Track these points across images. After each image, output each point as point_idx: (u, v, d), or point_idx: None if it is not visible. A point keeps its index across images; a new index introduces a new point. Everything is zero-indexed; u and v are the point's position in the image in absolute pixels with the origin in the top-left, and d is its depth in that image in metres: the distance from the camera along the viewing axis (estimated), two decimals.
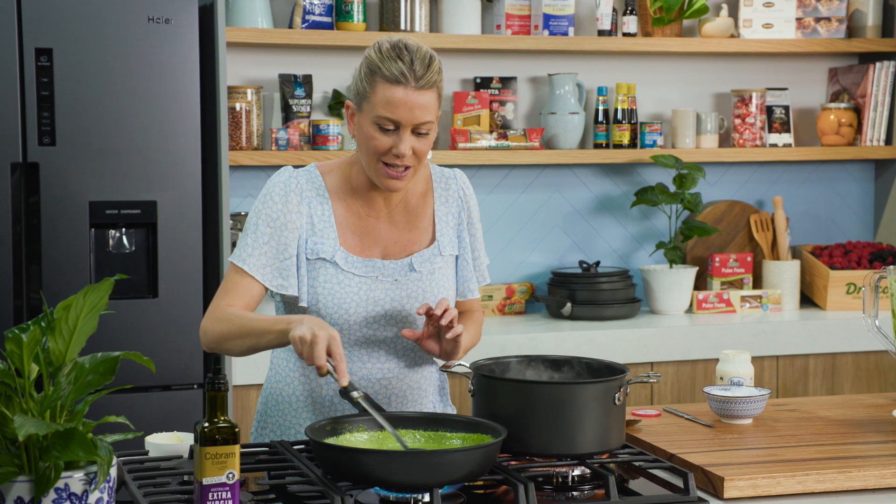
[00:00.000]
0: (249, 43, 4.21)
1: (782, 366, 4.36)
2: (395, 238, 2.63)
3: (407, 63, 2.46)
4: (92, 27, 3.57)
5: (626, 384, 2.37)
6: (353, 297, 2.55)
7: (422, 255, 2.62)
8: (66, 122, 3.56)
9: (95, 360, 1.77)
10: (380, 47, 2.50)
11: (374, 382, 2.61)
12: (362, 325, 2.58)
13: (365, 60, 2.51)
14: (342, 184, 2.61)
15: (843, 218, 4.99)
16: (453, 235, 2.68)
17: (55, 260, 3.57)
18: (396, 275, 2.59)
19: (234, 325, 2.50)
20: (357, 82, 2.52)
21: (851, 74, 4.87)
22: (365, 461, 2.12)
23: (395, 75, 2.45)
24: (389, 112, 2.45)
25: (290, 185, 2.57)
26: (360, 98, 2.51)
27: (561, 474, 2.32)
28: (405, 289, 2.60)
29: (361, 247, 2.60)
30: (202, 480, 1.89)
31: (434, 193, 2.68)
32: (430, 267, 2.63)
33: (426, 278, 2.62)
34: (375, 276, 2.58)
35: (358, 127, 2.52)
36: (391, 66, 2.45)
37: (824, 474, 2.29)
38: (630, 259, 4.76)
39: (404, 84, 2.45)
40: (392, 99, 2.44)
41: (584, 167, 4.69)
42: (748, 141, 4.75)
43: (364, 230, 2.61)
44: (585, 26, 4.67)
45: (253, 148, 4.21)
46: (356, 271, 2.56)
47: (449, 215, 2.68)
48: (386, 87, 2.45)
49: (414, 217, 2.66)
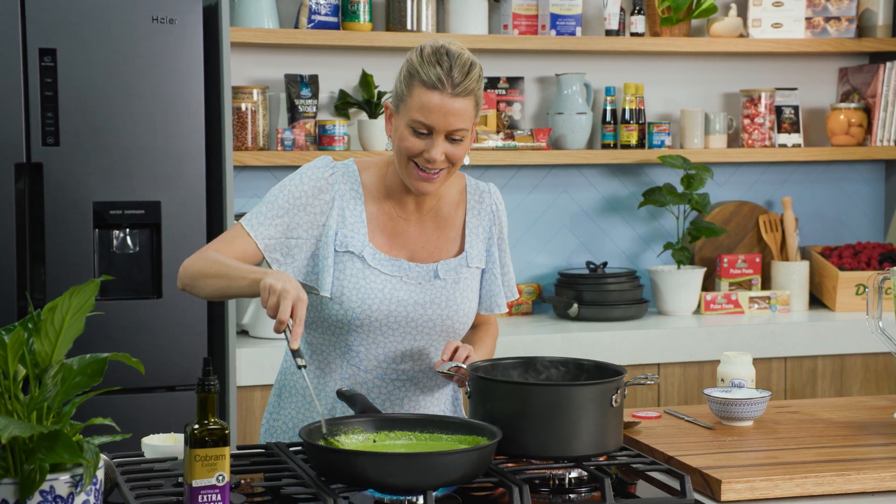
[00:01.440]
0: (255, 43, 4.21)
1: (790, 367, 4.33)
2: (423, 243, 2.63)
3: (446, 69, 2.45)
4: (96, 27, 3.57)
5: (624, 386, 2.36)
6: (378, 293, 2.55)
7: (448, 263, 2.62)
8: (70, 122, 3.56)
9: (83, 361, 1.77)
10: (421, 51, 2.50)
11: (389, 383, 2.61)
12: (383, 324, 2.57)
13: (406, 63, 2.51)
14: (377, 182, 2.61)
15: (852, 219, 4.96)
16: (482, 249, 2.68)
17: (59, 260, 3.57)
18: (421, 279, 2.59)
19: (213, 264, 2.48)
20: (397, 84, 2.52)
21: (862, 74, 4.84)
22: (358, 463, 2.10)
23: (432, 80, 2.44)
24: (423, 117, 2.45)
25: (324, 174, 2.58)
26: (398, 100, 2.51)
27: (558, 477, 2.31)
28: (428, 294, 2.59)
29: (389, 246, 2.59)
30: (192, 483, 1.88)
31: (467, 205, 2.68)
32: (455, 276, 2.62)
33: (450, 287, 2.61)
34: (400, 276, 2.57)
35: (394, 128, 2.53)
36: (429, 70, 2.45)
37: (823, 477, 2.27)
38: (638, 260, 4.74)
39: (440, 90, 2.44)
40: (427, 104, 2.45)
41: (591, 167, 4.67)
42: (757, 141, 4.72)
43: (393, 231, 2.61)
44: (593, 26, 4.65)
45: (259, 148, 4.21)
46: (382, 269, 2.56)
47: (480, 228, 2.68)
48: (423, 91, 2.45)
49: (444, 225, 2.66)
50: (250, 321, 4.05)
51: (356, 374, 2.60)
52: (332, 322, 2.57)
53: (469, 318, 2.66)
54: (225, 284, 2.46)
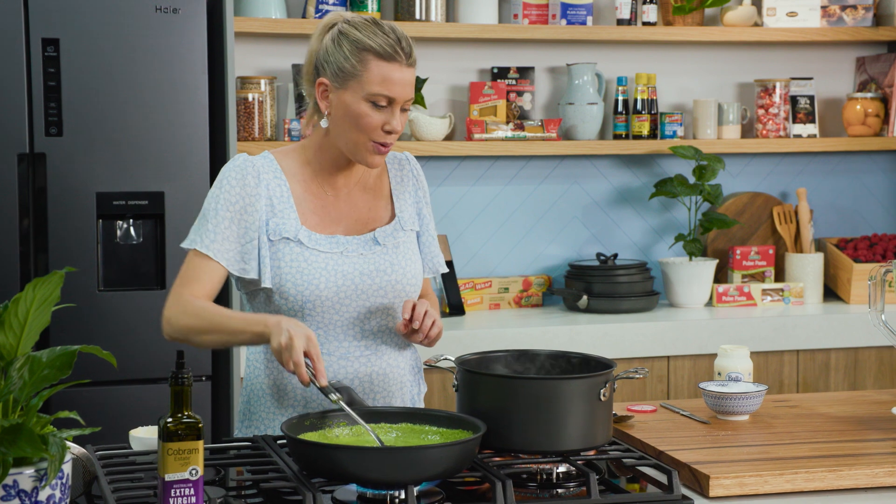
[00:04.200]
0: (262, 33, 4.19)
1: (803, 360, 4.28)
2: (356, 216, 2.64)
3: (394, 40, 2.49)
4: (99, 17, 3.56)
5: (613, 380, 2.32)
6: (321, 272, 2.54)
7: (384, 230, 2.63)
8: (73, 112, 3.55)
9: (53, 354, 1.75)
10: (355, 25, 2.50)
11: (354, 360, 2.58)
12: (334, 301, 2.55)
13: (344, 38, 2.50)
14: (299, 166, 2.61)
15: (869, 210, 4.90)
16: (413, 212, 2.70)
17: (62, 251, 3.57)
18: (361, 249, 2.59)
19: (204, 319, 2.48)
20: (341, 60, 2.50)
21: (879, 64, 4.78)
22: (340, 457, 2.09)
23: (387, 52, 2.47)
24: (386, 89, 2.47)
25: (245, 168, 2.56)
26: (345, 76, 2.50)
27: (545, 471, 2.28)
28: (372, 262, 2.59)
29: (322, 225, 2.60)
30: (165, 477, 1.86)
31: (389, 174, 2.71)
32: (394, 241, 2.63)
33: (391, 251, 2.61)
34: (340, 251, 2.57)
35: (340, 105, 2.51)
36: (381, 42, 2.47)
37: (814, 473, 2.24)
38: (650, 251, 4.70)
39: (399, 61, 2.48)
40: (389, 76, 2.47)
41: (602, 158, 4.63)
42: (772, 132, 4.67)
43: (324, 210, 2.61)
44: (605, 15, 4.60)
45: (266, 139, 4.19)
46: (321, 248, 2.56)
47: (406, 193, 2.70)
48: (381, 63, 2.47)
49: (372, 195, 2.67)
50: None
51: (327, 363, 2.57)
52: (284, 313, 2.54)
53: (417, 281, 2.65)
54: (226, 340, 2.49)
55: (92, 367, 2.67)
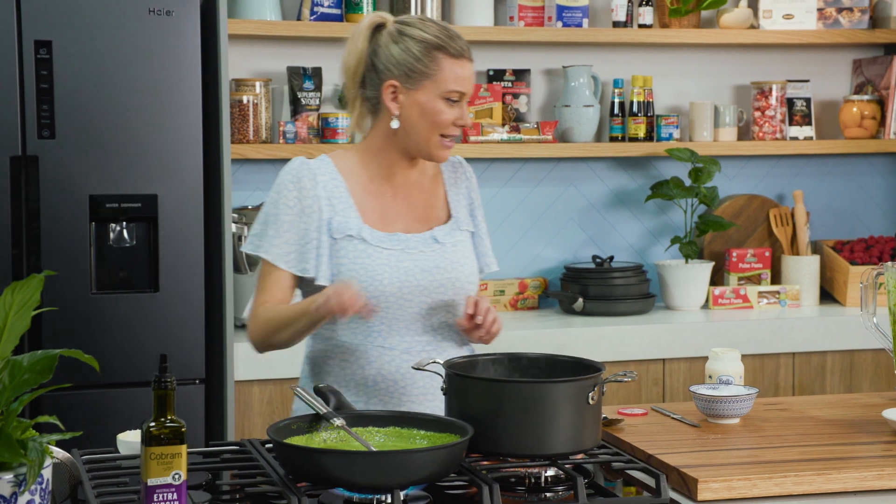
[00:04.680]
0: (257, 35, 4.18)
1: (799, 363, 4.27)
2: (415, 215, 2.72)
3: (457, 38, 2.62)
4: (92, 19, 3.55)
5: (601, 383, 2.31)
6: (385, 268, 2.62)
7: (442, 229, 2.72)
8: (66, 114, 3.55)
9: (34, 358, 1.74)
10: (415, 25, 2.61)
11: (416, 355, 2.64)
12: (397, 297, 2.63)
13: (411, 40, 2.59)
14: (357, 167, 2.69)
15: (866, 212, 4.89)
16: (466, 213, 2.79)
17: (55, 254, 3.56)
18: (421, 247, 2.67)
19: (270, 322, 2.62)
20: (412, 61, 2.59)
21: (875, 66, 4.77)
22: (326, 462, 2.08)
23: (459, 51, 2.60)
24: (459, 85, 2.60)
25: (301, 171, 2.64)
26: (417, 76, 2.60)
27: (533, 475, 2.27)
28: (432, 260, 2.66)
29: (383, 223, 2.67)
30: (147, 481, 1.85)
31: (443, 176, 2.79)
32: (452, 240, 2.71)
33: (450, 250, 2.70)
34: (402, 248, 2.65)
35: (413, 105, 2.61)
36: (454, 43, 2.60)
37: (802, 476, 2.23)
38: (646, 254, 4.69)
39: (467, 59, 2.62)
40: (461, 73, 2.60)
41: (598, 160, 4.62)
42: (768, 134, 4.66)
43: (383, 208, 2.69)
44: (600, 18, 4.60)
45: (261, 141, 4.19)
46: (384, 245, 2.64)
47: (460, 195, 2.79)
48: (454, 62, 2.59)
49: (429, 195, 2.75)
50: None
51: (383, 354, 2.64)
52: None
53: (474, 279, 2.74)
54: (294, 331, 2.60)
55: (87, 370, 2.67)
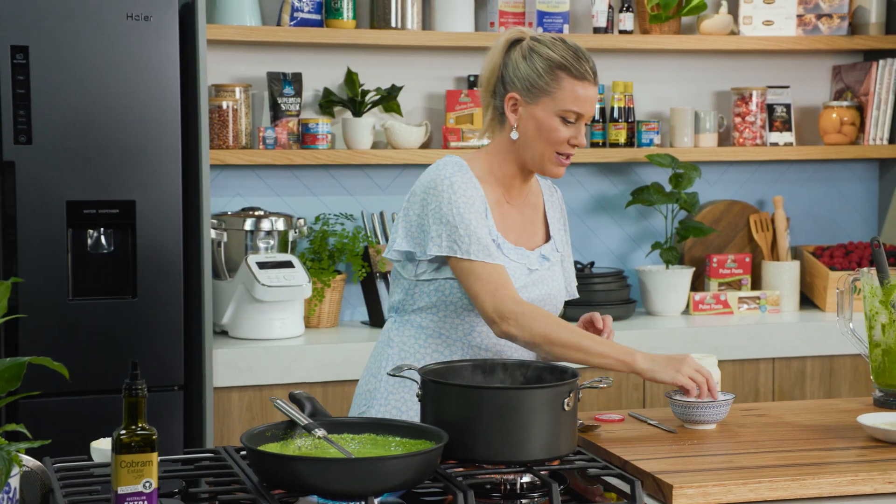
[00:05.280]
0: (237, 41, 4.18)
1: (779, 368, 4.28)
2: (523, 228, 2.79)
3: (586, 61, 2.67)
4: (69, 24, 3.54)
5: (577, 389, 2.31)
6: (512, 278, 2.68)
7: (546, 248, 2.80)
8: (43, 120, 3.53)
9: (2, 365, 1.73)
10: (545, 43, 2.67)
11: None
12: None
13: (538, 57, 2.66)
14: (485, 173, 2.75)
15: (846, 218, 4.90)
16: (561, 237, 2.87)
17: (32, 261, 3.54)
18: (536, 264, 2.75)
19: (565, 333, 2.61)
20: (534, 77, 2.66)
21: (855, 72, 4.78)
22: (300, 469, 2.07)
23: (582, 73, 2.65)
24: (578, 106, 2.65)
25: (464, 174, 2.69)
26: (537, 92, 2.67)
27: (509, 482, 2.26)
28: (539, 277, 2.74)
29: (505, 232, 2.75)
30: (118, 490, 1.84)
31: (544, 196, 2.88)
32: (553, 260, 2.80)
33: (552, 270, 2.79)
34: (523, 262, 2.73)
35: (530, 118, 2.68)
36: (578, 65, 2.65)
37: (777, 482, 2.23)
38: (627, 259, 4.69)
39: (588, 79, 2.66)
40: (582, 95, 2.65)
41: (579, 166, 4.62)
42: (748, 140, 4.67)
43: (504, 217, 2.76)
44: (581, 23, 4.60)
45: (240, 147, 4.18)
46: (511, 256, 2.72)
47: (555, 218, 2.88)
48: (575, 83, 2.64)
49: (534, 212, 2.84)
50: (229, 321, 4.01)
51: (477, 354, 2.71)
52: (459, 304, 2.69)
53: (563, 299, 2.85)
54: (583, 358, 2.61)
55: (65, 376, 2.65)
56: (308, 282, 3.96)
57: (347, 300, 4.40)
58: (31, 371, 2.09)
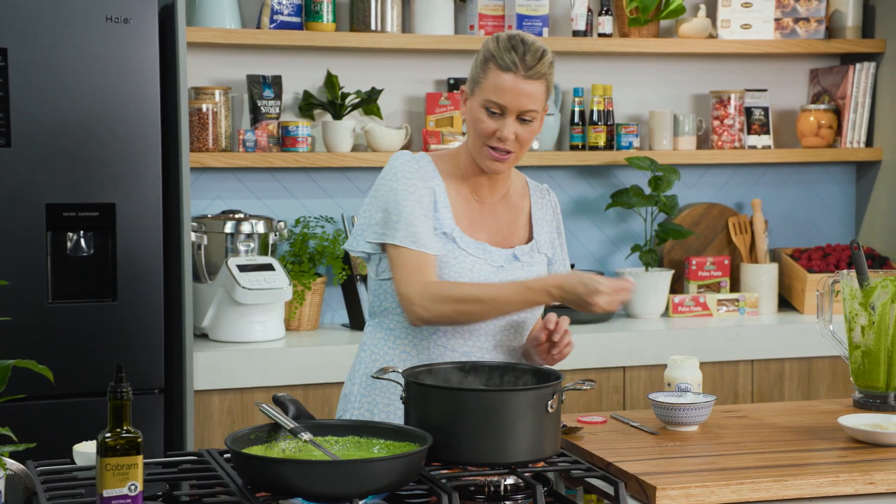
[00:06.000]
0: (216, 43, 4.17)
1: (757, 370, 4.29)
2: (498, 228, 2.78)
3: (520, 54, 2.63)
4: (48, 26, 3.53)
5: (560, 391, 2.32)
6: (466, 273, 2.69)
7: (522, 248, 2.78)
8: (22, 122, 3.52)
9: None
10: (497, 39, 2.68)
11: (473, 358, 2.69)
12: None
13: (482, 50, 2.69)
14: (452, 170, 2.76)
15: (823, 221, 4.92)
16: (548, 238, 2.85)
17: (11, 263, 3.52)
18: (502, 261, 2.73)
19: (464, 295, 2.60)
20: (473, 69, 2.71)
21: (832, 76, 4.81)
22: (284, 471, 2.07)
23: (506, 63, 2.62)
24: (497, 97, 2.63)
25: (412, 165, 2.71)
26: (473, 83, 2.70)
27: (493, 483, 2.27)
28: (509, 275, 2.72)
29: (471, 229, 2.74)
30: (103, 493, 1.84)
31: (531, 198, 2.86)
32: (530, 260, 2.78)
33: (526, 269, 2.76)
34: (484, 258, 2.72)
35: (469, 110, 2.70)
36: (504, 55, 2.63)
37: (759, 483, 2.24)
38: (606, 262, 4.70)
39: (514, 72, 2.62)
40: (501, 85, 2.62)
41: (559, 169, 4.64)
42: (727, 143, 4.69)
43: (471, 215, 2.75)
44: (560, 27, 4.61)
45: (220, 149, 4.17)
46: (469, 250, 2.70)
47: (544, 221, 2.86)
48: (497, 73, 2.63)
49: (514, 212, 2.82)
50: (210, 324, 4.00)
51: (443, 354, 2.70)
52: None
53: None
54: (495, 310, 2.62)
55: (44, 380, 2.64)
56: (288, 284, 3.96)
57: (328, 303, 4.40)
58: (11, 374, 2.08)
